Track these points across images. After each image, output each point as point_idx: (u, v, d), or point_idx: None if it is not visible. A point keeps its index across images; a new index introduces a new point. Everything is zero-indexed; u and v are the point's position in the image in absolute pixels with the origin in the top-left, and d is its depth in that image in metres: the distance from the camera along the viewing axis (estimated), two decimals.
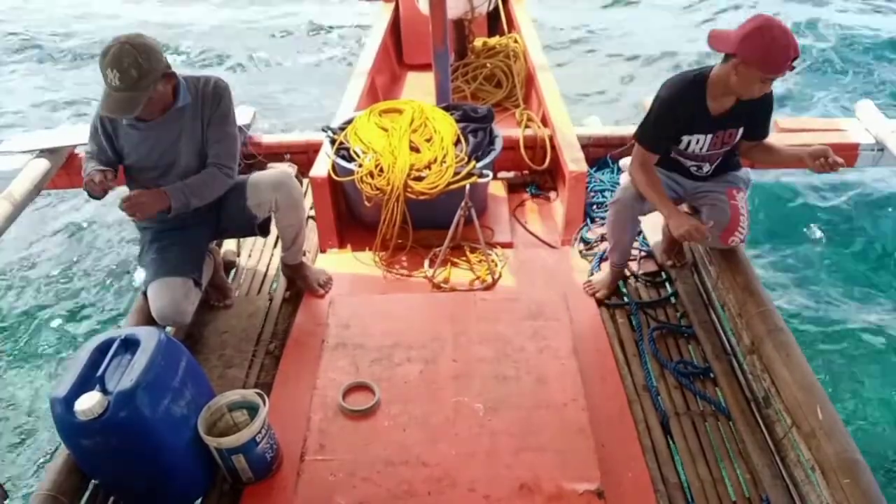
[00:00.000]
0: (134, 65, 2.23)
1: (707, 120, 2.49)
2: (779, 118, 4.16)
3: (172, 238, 2.61)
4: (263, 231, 2.84)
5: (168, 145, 2.52)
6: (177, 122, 2.49)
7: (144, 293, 2.58)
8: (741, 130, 2.54)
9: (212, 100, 2.51)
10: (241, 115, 3.98)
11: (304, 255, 3.02)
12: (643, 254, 3.15)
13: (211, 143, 2.53)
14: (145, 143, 2.52)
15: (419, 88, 4.78)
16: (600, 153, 3.81)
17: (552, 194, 3.75)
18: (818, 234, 4.92)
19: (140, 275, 2.70)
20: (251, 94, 7.20)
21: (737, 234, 2.60)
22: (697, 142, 2.54)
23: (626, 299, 2.91)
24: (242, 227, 2.80)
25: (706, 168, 2.64)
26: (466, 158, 3.15)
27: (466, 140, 3.25)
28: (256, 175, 2.74)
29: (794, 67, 2.24)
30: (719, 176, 2.67)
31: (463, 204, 3.01)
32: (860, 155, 3.81)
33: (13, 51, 8.87)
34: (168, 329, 2.55)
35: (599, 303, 2.92)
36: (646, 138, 2.57)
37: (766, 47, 2.19)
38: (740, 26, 2.27)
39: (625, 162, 2.86)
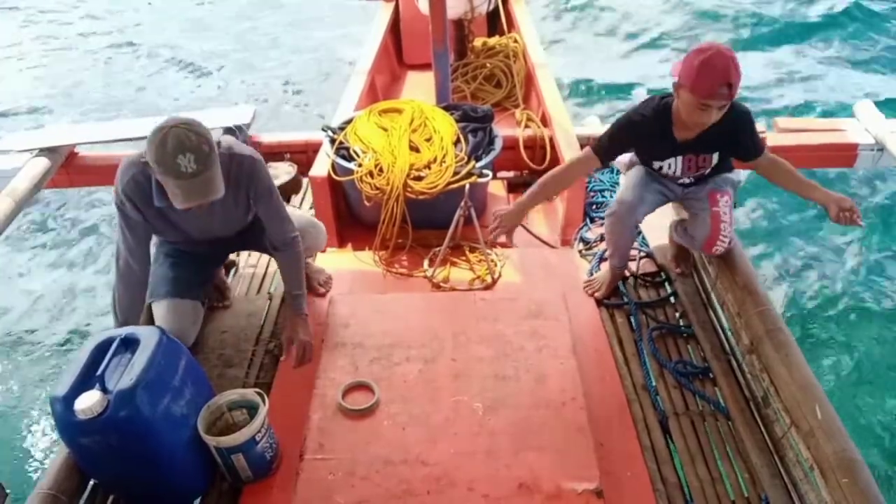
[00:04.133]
0: (203, 140, 2.01)
1: (673, 145, 2.45)
2: (778, 118, 4.17)
3: (188, 256, 2.57)
4: None
5: (201, 221, 2.37)
6: None
7: (149, 304, 2.54)
8: (716, 155, 2.49)
9: (248, 180, 2.33)
10: (241, 114, 4.00)
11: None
12: (643, 254, 3.15)
13: (265, 221, 2.44)
14: (180, 224, 2.38)
15: (419, 88, 4.78)
16: None
17: None
18: (818, 232, 4.92)
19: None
20: (250, 95, 7.22)
21: (719, 244, 2.57)
22: (669, 166, 2.53)
23: (625, 299, 2.91)
24: (259, 248, 2.77)
25: (688, 181, 2.62)
26: (466, 158, 3.15)
27: (466, 140, 3.26)
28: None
29: (732, 96, 2.16)
30: (707, 178, 2.64)
31: (463, 203, 3.01)
32: (859, 155, 3.81)
33: (13, 48, 8.87)
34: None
35: (598, 303, 2.92)
36: (599, 146, 2.52)
37: (698, 70, 2.12)
38: None
39: (623, 159, 2.85)
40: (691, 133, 2.40)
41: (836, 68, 7.16)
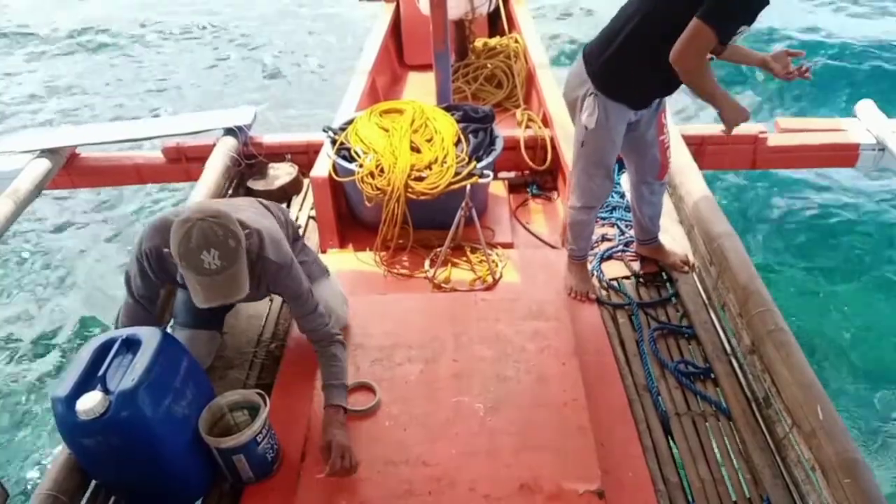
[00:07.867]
0: (230, 234, 1.91)
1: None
2: (779, 118, 4.18)
3: None
4: None
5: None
6: None
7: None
8: None
9: (272, 285, 2.25)
10: (242, 115, 4.00)
11: None
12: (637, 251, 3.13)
13: (298, 317, 2.31)
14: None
15: (420, 89, 4.79)
16: None
17: (553, 194, 3.75)
18: (818, 233, 4.92)
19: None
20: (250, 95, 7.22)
21: (668, 171, 2.72)
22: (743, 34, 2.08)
23: (626, 299, 2.91)
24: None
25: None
26: (467, 159, 3.15)
27: (467, 140, 3.26)
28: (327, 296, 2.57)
29: None
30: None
31: (464, 204, 3.01)
32: (861, 155, 3.81)
33: (13, 49, 8.89)
34: (169, 329, 2.55)
35: (599, 303, 2.92)
36: (726, 19, 1.92)
37: None
38: None
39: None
40: None
41: (837, 67, 7.14)
